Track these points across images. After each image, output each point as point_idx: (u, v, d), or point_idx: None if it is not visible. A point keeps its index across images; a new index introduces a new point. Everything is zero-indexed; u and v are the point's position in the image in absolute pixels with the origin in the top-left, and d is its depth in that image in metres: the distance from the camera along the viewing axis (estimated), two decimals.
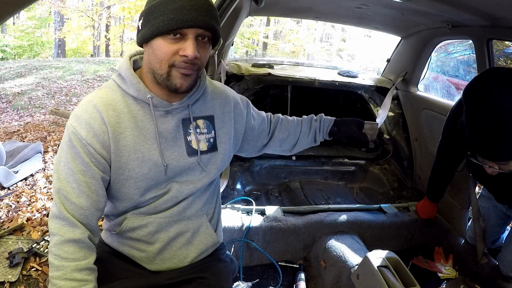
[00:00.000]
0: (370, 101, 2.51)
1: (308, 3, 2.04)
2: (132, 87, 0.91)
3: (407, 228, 2.00)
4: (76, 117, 0.90)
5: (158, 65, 0.85)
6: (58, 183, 0.89)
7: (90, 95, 0.93)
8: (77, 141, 0.88)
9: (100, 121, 0.89)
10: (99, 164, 0.90)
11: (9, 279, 1.69)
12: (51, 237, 0.88)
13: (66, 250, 0.86)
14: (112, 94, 0.93)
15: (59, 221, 0.87)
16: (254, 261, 1.82)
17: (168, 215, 1.00)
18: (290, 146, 1.29)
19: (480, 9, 1.46)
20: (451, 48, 3.28)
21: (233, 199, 1.93)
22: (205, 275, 1.05)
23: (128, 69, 0.92)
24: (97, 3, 14.36)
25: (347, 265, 1.63)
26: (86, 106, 0.90)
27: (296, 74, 2.46)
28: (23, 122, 5.70)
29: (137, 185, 0.94)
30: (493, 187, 1.63)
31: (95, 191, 0.90)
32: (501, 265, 1.63)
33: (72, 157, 0.88)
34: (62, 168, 0.89)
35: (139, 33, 0.89)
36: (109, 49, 16.30)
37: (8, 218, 2.31)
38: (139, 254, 1.03)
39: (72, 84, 8.34)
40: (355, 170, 2.66)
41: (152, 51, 0.85)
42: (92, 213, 0.90)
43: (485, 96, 1.10)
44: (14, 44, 13.63)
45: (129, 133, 0.92)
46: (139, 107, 0.93)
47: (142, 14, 0.87)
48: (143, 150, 0.93)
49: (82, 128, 0.88)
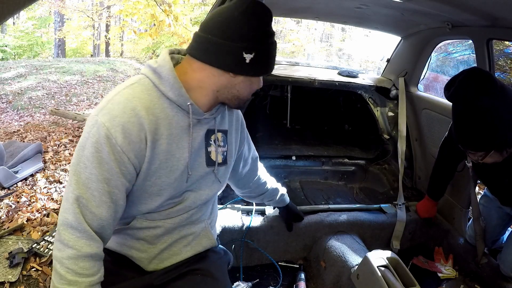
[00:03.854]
0: (370, 101, 2.51)
1: (308, 3, 2.04)
2: (173, 91, 0.86)
3: (407, 228, 2.00)
4: (110, 117, 0.80)
5: (249, 94, 0.96)
6: (77, 190, 0.81)
7: (126, 93, 0.84)
8: (109, 146, 0.80)
9: (138, 127, 0.82)
10: (128, 173, 0.85)
11: (9, 279, 1.69)
12: (63, 247, 0.81)
13: (81, 265, 0.81)
14: (148, 95, 0.86)
15: (76, 232, 0.81)
16: (254, 261, 1.82)
17: (177, 221, 1.00)
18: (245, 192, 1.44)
19: (480, 9, 1.46)
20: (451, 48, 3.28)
21: (233, 199, 1.93)
22: (198, 266, 1.06)
23: (171, 71, 0.86)
24: (97, 3, 14.37)
25: (347, 265, 1.63)
26: (124, 106, 0.82)
27: (296, 74, 2.46)
28: (23, 122, 5.70)
29: (160, 193, 0.92)
30: (497, 189, 1.64)
31: (115, 201, 0.85)
32: (501, 264, 1.63)
33: (99, 162, 0.80)
34: (82, 171, 0.81)
35: (243, 64, 0.85)
36: (109, 49, 16.31)
37: (8, 218, 2.31)
38: (138, 255, 1.03)
39: (72, 84, 8.34)
40: (355, 170, 2.66)
41: (250, 84, 0.93)
42: (109, 223, 0.86)
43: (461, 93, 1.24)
44: (14, 44, 13.64)
45: (164, 140, 0.87)
46: (174, 112, 0.88)
47: (251, 49, 0.84)
48: (173, 159, 0.91)
49: (118, 133, 0.80)
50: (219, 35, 0.83)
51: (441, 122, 1.98)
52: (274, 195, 1.54)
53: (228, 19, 0.83)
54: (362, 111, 2.68)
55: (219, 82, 0.89)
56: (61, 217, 0.83)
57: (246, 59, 0.84)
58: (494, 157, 1.30)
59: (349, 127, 3.08)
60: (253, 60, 0.85)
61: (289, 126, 3.00)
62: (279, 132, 2.85)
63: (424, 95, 2.24)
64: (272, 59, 0.91)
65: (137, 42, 14.11)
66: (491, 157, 1.30)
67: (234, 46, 0.83)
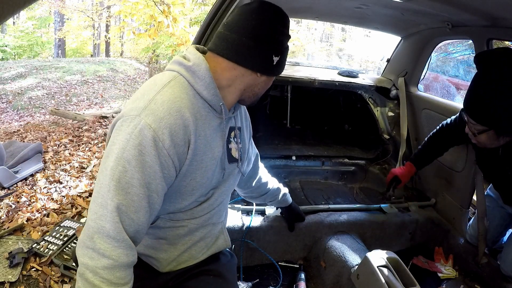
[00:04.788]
0: (370, 101, 2.51)
1: (308, 3, 2.04)
2: (208, 90, 0.87)
3: (407, 228, 2.00)
4: (156, 118, 0.77)
5: (264, 91, 0.99)
6: (117, 196, 0.75)
7: (167, 93, 0.81)
8: (155, 149, 0.77)
9: (184, 130, 0.81)
10: (169, 177, 0.83)
11: (9, 279, 1.69)
12: (98, 256, 0.76)
13: (118, 275, 0.78)
14: (186, 94, 0.84)
15: (113, 242, 0.76)
16: (254, 261, 1.82)
17: (200, 221, 1.01)
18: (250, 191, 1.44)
19: (480, 9, 1.46)
20: (451, 48, 3.28)
21: (233, 199, 1.93)
22: (209, 267, 1.07)
23: (207, 71, 0.86)
24: (97, 3, 14.37)
25: (347, 265, 1.63)
26: (169, 107, 0.79)
27: (296, 74, 2.46)
28: (23, 122, 5.70)
29: (192, 193, 0.93)
30: (501, 183, 1.63)
31: (153, 206, 0.82)
32: (502, 264, 1.63)
33: (142, 166, 0.76)
34: (122, 176, 0.76)
35: (271, 65, 0.91)
36: (109, 49, 16.31)
37: (8, 218, 2.31)
38: (157, 255, 1.01)
39: (72, 84, 8.34)
40: (355, 170, 2.66)
41: (268, 83, 0.97)
42: (144, 228, 0.83)
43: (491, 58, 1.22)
44: (14, 44, 13.64)
45: (201, 141, 0.87)
46: (207, 112, 0.89)
47: (279, 52, 0.91)
48: (207, 159, 0.91)
49: (166, 136, 0.77)
50: (252, 38, 0.86)
51: (441, 122, 1.98)
52: (276, 195, 1.54)
53: (259, 22, 0.87)
54: (362, 111, 2.68)
55: (247, 81, 0.92)
56: (95, 224, 0.76)
57: (274, 61, 0.90)
58: (489, 139, 1.29)
59: (349, 127, 3.08)
60: (278, 62, 0.92)
61: (289, 126, 3.00)
62: (279, 132, 2.85)
63: (424, 95, 2.24)
64: (286, 60, 0.98)
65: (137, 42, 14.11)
66: (486, 138, 1.29)
67: (266, 49, 0.88)
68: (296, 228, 1.81)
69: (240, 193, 1.47)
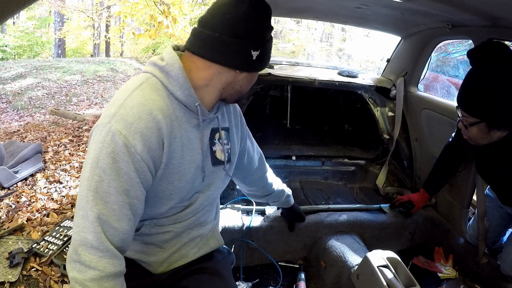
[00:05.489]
0: (370, 101, 2.51)
1: (308, 3, 2.04)
2: (182, 90, 0.83)
3: (407, 228, 2.00)
4: (126, 124, 0.75)
5: (248, 88, 0.95)
6: (96, 206, 0.75)
7: (137, 96, 0.79)
8: (128, 155, 0.75)
9: (157, 133, 0.79)
10: (146, 181, 0.81)
11: (9, 279, 1.69)
12: (85, 268, 0.75)
13: (106, 286, 0.76)
14: (159, 95, 0.82)
15: (97, 252, 0.76)
16: (254, 261, 1.82)
17: (185, 224, 1.00)
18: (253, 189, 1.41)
19: (480, 9, 1.46)
20: (451, 48, 3.28)
21: (233, 199, 1.93)
22: (204, 265, 1.06)
23: (181, 70, 0.83)
24: (97, 3, 14.37)
25: (347, 265, 1.63)
26: (139, 111, 0.77)
27: (296, 74, 2.46)
28: (23, 122, 5.70)
29: (171, 197, 0.91)
30: (496, 183, 1.63)
31: (135, 212, 0.81)
32: (502, 264, 1.63)
33: (117, 174, 0.75)
34: (99, 185, 0.75)
35: (250, 61, 0.85)
36: (109, 49, 16.31)
37: (8, 218, 2.31)
38: (147, 259, 1.01)
39: (72, 84, 8.34)
40: (355, 170, 2.66)
41: (251, 78, 0.93)
42: (130, 235, 0.82)
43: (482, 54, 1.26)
44: (14, 44, 13.64)
45: (177, 143, 0.85)
46: (183, 113, 0.86)
47: (258, 46, 0.85)
48: (185, 162, 0.89)
49: (137, 140, 0.76)
50: (226, 33, 0.81)
51: (441, 122, 1.98)
52: (280, 196, 1.52)
53: (234, 16, 0.81)
54: (362, 111, 2.68)
55: (225, 79, 0.88)
56: (78, 236, 0.76)
57: (253, 56, 0.85)
58: (480, 132, 1.31)
59: (349, 127, 3.08)
60: (258, 57, 0.86)
61: (289, 126, 3.00)
62: (279, 132, 2.85)
63: (424, 95, 2.24)
64: (270, 53, 0.91)
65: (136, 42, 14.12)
66: (477, 131, 1.31)
67: (243, 44, 0.83)
68: (296, 228, 1.81)
69: (244, 190, 1.43)
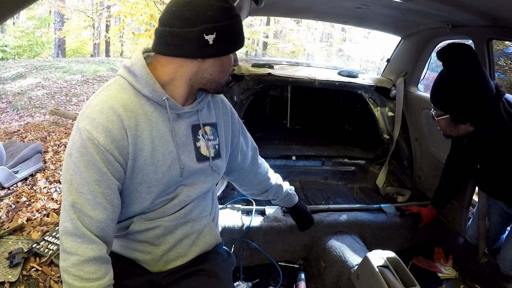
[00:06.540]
0: (370, 101, 2.51)
1: (308, 3, 2.04)
2: (147, 87, 0.87)
3: (407, 228, 2.00)
4: (89, 120, 0.82)
5: (225, 75, 0.94)
6: (71, 196, 0.82)
7: (102, 95, 0.86)
8: (93, 148, 0.81)
9: (119, 124, 0.83)
10: (116, 172, 0.86)
11: (9, 279, 1.69)
12: (67, 255, 0.82)
13: (87, 270, 0.81)
14: (124, 93, 0.87)
15: (75, 238, 0.82)
16: (254, 261, 1.82)
17: (175, 218, 1.00)
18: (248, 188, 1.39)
19: (480, 9, 1.46)
20: None
21: (233, 199, 1.93)
22: (203, 267, 1.06)
23: (143, 67, 0.87)
24: (97, 3, 14.37)
25: (347, 265, 1.63)
26: (101, 107, 0.83)
27: (296, 74, 2.46)
28: (23, 122, 5.70)
29: (150, 190, 0.92)
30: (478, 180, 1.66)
31: (111, 202, 0.86)
32: (501, 264, 1.64)
33: (86, 166, 0.82)
34: (73, 177, 0.82)
35: (206, 46, 0.84)
36: (109, 49, 16.31)
37: (8, 218, 2.31)
38: (143, 257, 1.02)
39: (72, 84, 8.34)
40: (355, 170, 2.66)
41: (221, 64, 0.91)
42: (108, 225, 0.86)
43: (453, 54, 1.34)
44: (14, 44, 13.62)
45: (146, 136, 0.88)
46: (153, 108, 0.89)
47: (211, 29, 0.83)
48: (158, 155, 0.91)
49: (100, 133, 0.81)
50: (176, 25, 0.83)
51: None
52: (279, 192, 1.47)
53: (181, 6, 0.83)
54: (362, 111, 2.68)
55: (189, 70, 0.89)
56: (61, 227, 0.84)
57: (209, 40, 0.84)
58: (447, 124, 1.41)
59: (349, 127, 3.08)
60: (216, 40, 0.84)
61: (289, 126, 3.00)
62: (279, 132, 2.85)
63: (424, 95, 2.24)
64: (238, 33, 0.89)
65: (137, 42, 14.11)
66: (444, 122, 1.41)
67: (193, 32, 0.83)
68: (296, 228, 1.80)
69: (241, 190, 1.42)
